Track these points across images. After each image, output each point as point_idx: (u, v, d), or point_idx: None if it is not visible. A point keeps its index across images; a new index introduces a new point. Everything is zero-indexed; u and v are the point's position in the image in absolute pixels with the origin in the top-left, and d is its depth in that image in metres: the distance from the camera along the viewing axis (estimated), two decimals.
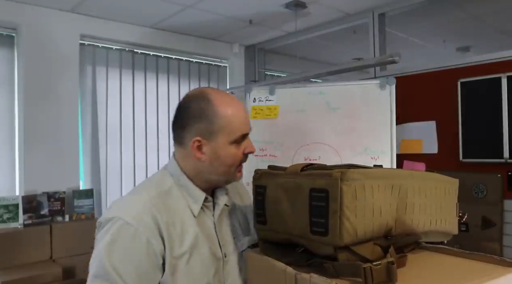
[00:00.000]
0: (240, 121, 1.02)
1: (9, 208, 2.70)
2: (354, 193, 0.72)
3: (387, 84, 2.35)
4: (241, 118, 1.03)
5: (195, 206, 1.02)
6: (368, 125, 2.35)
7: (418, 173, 0.89)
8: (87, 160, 3.23)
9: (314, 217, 0.76)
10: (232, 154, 1.02)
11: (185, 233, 0.98)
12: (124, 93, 3.44)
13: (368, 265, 0.68)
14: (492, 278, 0.71)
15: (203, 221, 1.03)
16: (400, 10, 2.99)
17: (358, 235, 0.73)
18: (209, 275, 1.00)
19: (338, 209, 0.72)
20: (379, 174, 0.78)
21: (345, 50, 4.21)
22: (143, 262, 0.91)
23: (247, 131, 1.05)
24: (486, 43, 3.90)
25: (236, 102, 1.06)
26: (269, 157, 2.52)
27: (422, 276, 0.75)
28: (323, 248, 0.76)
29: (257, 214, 0.93)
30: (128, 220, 0.92)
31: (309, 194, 0.78)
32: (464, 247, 0.92)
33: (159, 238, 0.93)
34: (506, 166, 2.25)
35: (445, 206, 0.92)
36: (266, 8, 3.08)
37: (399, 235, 0.81)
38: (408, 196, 0.82)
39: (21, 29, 2.93)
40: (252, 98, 2.66)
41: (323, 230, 0.74)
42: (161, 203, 0.98)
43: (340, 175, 0.72)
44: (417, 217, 0.84)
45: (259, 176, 0.94)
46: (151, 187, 1.03)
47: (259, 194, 0.93)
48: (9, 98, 2.98)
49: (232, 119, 1.01)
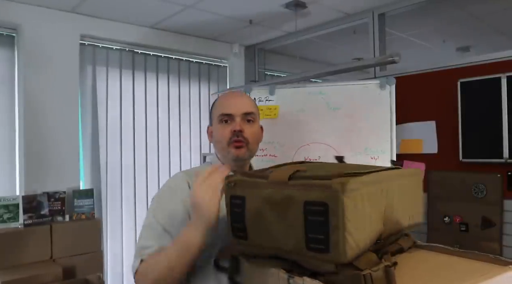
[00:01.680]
0: (221, 104, 1.30)
1: (9, 208, 2.70)
2: (354, 204, 0.68)
3: (387, 84, 2.35)
4: (222, 102, 1.30)
5: None
6: (368, 125, 2.35)
7: (394, 172, 0.87)
8: (87, 160, 3.23)
9: (310, 233, 0.71)
10: (219, 132, 1.26)
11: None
12: (124, 93, 3.44)
13: (368, 271, 0.65)
14: (488, 278, 0.70)
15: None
16: (400, 10, 2.99)
17: (360, 248, 0.70)
18: None
19: (341, 225, 0.67)
20: (371, 180, 0.75)
21: (345, 50, 4.21)
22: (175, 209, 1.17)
23: (225, 111, 1.26)
24: (486, 43, 3.90)
25: (228, 93, 1.35)
26: (269, 157, 2.52)
27: (418, 276, 0.75)
28: (322, 265, 0.71)
29: (236, 228, 0.86)
30: (170, 185, 1.26)
31: (303, 208, 0.71)
32: (464, 247, 0.92)
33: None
34: (506, 166, 2.25)
35: (415, 199, 0.92)
36: (266, 8, 3.08)
37: (386, 237, 0.81)
38: (393, 197, 0.81)
39: (21, 29, 2.93)
40: (252, 98, 2.65)
41: (323, 246, 0.69)
42: (194, 175, 1.20)
43: (341, 187, 0.67)
44: (400, 215, 0.84)
45: (233, 185, 0.86)
46: (191, 169, 1.37)
47: (236, 206, 0.85)
48: (9, 98, 2.98)
49: (216, 104, 1.32)
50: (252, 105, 1.31)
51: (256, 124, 1.31)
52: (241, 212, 0.83)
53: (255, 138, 1.29)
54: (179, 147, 3.75)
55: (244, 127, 1.25)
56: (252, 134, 1.27)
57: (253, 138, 1.27)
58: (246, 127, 1.26)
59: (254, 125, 1.29)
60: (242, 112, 1.26)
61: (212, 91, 4.01)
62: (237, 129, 1.23)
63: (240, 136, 1.23)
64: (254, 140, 1.28)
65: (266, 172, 0.85)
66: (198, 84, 3.92)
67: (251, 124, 1.28)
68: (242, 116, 1.26)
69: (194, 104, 3.88)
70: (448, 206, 2.46)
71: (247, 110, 1.27)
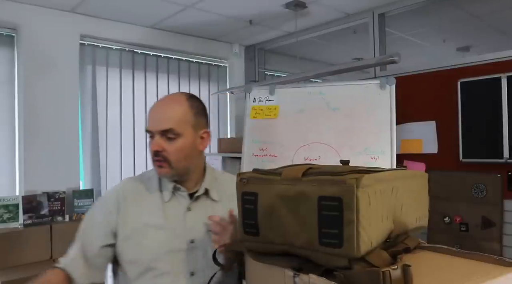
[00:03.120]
0: (148, 117, 1.23)
1: (9, 208, 2.70)
2: (368, 200, 0.68)
3: (387, 84, 2.35)
4: (148, 114, 1.23)
5: (166, 193, 1.24)
6: (368, 125, 2.35)
7: (401, 172, 0.87)
8: (87, 160, 3.23)
9: (324, 228, 0.71)
10: (149, 148, 1.22)
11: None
12: (124, 93, 3.44)
13: (387, 269, 0.64)
14: (491, 278, 0.70)
15: (172, 206, 1.23)
16: (400, 10, 2.99)
17: (373, 244, 0.70)
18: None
19: (354, 219, 0.67)
20: (383, 177, 0.76)
21: (345, 50, 4.21)
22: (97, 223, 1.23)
23: (147, 128, 1.21)
24: (486, 43, 3.90)
25: (154, 104, 1.24)
26: (269, 157, 2.52)
27: (421, 276, 0.75)
28: (335, 260, 0.71)
29: (247, 224, 0.85)
30: (98, 205, 1.30)
31: (317, 203, 0.72)
32: (464, 247, 0.92)
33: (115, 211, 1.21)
34: (506, 166, 2.25)
35: (422, 201, 0.92)
36: (266, 8, 3.08)
37: (395, 237, 0.81)
38: (403, 196, 0.81)
39: (21, 29, 2.93)
40: (252, 98, 2.66)
41: (336, 241, 0.69)
42: (139, 181, 1.29)
43: (355, 182, 0.67)
44: (408, 216, 0.84)
45: (246, 181, 0.86)
46: (137, 176, 1.36)
47: (248, 202, 0.85)
48: (9, 98, 2.98)
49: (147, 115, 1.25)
50: (173, 120, 1.17)
51: (179, 141, 1.18)
52: (253, 208, 0.84)
53: (178, 156, 1.18)
54: None
55: (164, 146, 1.17)
56: (173, 153, 1.17)
57: (176, 156, 1.17)
58: (166, 145, 1.17)
59: (177, 142, 1.17)
60: (159, 129, 1.17)
61: (212, 91, 4.01)
62: (154, 149, 1.17)
63: (159, 156, 1.17)
64: (177, 158, 1.18)
65: (278, 170, 0.85)
66: (198, 84, 3.92)
67: (173, 142, 1.17)
68: (161, 133, 1.17)
69: None
70: (448, 206, 2.46)
71: (164, 127, 1.17)
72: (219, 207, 1.26)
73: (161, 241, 1.17)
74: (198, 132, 1.23)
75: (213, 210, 1.24)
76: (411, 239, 0.88)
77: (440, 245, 0.89)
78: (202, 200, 1.26)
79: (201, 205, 1.25)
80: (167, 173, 1.19)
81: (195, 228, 1.20)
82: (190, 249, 1.18)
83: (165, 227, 1.19)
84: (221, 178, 1.35)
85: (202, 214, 1.22)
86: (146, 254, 1.16)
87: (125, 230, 1.19)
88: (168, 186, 1.23)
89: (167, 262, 1.16)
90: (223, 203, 1.26)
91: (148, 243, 1.17)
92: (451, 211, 2.45)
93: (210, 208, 1.25)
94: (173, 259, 1.16)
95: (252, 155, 2.57)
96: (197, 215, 1.22)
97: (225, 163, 3.51)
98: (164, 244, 1.17)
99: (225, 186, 1.30)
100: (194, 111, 1.22)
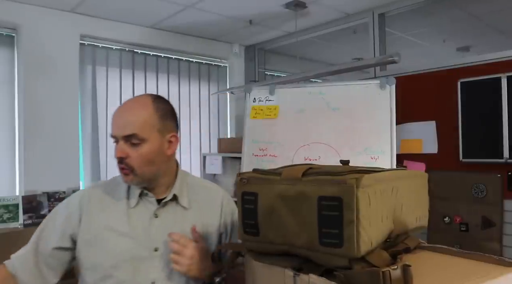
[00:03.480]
0: (112, 122, 1.17)
1: (9, 208, 2.70)
2: (368, 200, 0.69)
3: (387, 84, 2.35)
4: (112, 119, 1.17)
5: (133, 199, 1.18)
6: (368, 125, 2.35)
7: (401, 172, 0.87)
8: (87, 160, 3.23)
9: (324, 228, 0.71)
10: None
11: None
12: (124, 93, 3.44)
13: (387, 269, 0.65)
14: (491, 278, 0.70)
15: (139, 212, 1.18)
16: (400, 10, 2.99)
17: (373, 244, 0.70)
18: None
19: (354, 219, 0.67)
20: (383, 177, 0.76)
21: (345, 50, 4.21)
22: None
23: (111, 132, 1.15)
24: (486, 43, 3.90)
25: (118, 108, 1.20)
26: (269, 157, 2.52)
27: (422, 276, 0.75)
28: (335, 260, 0.71)
29: (247, 224, 0.85)
30: (63, 205, 1.30)
31: (317, 203, 0.72)
32: (464, 247, 0.92)
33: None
34: (506, 166, 2.25)
35: (422, 201, 0.93)
36: (266, 8, 3.08)
37: (395, 237, 0.81)
38: (403, 196, 0.81)
39: (21, 29, 2.93)
40: (252, 98, 2.66)
41: (337, 241, 0.69)
42: (103, 192, 1.22)
43: (355, 182, 0.68)
44: (408, 216, 0.84)
45: (246, 182, 0.86)
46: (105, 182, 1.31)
47: (248, 202, 0.84)
48: (9, 98, 2.98)
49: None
50: (136, 125, 1.11)
51: (144, 146, 1.11)
52: (253, 208, 0.83)
53: (142, 162, 1.11)
54: (179, 147, 3.74)
55: (128, 152, 1.11)
56: (137, 159, 1.11)
57: (139, 163, 1.11)
58: (130, 151, 1.11)
59: (141, 148, 1.11)
60: (122, 135, 1.11)
61: (212, 91, 4.01)
62: (117, 156, 1.12)
63: (123, 163, 1.11)
64: (141, 165, 1.12)
65: (278, 170, 0.85)
66: (198, 84, 3.92)
67: (137, 148, 1.11)
68: (125, 138, 1.11)
69: (194, 104, 3.88)
70: (448, 206, 2.46)
71: (127, 133, 1.10)
72: (189, 214, 1.20)
73: (122, 248, 1.12)
74: (165, 136, 1.17)
75: (183, 217, 1.19)
76: (411, 239, 0.88)
77: (440, 245, 0.89)
78: (171, 206, 1.20)
79: (169, 211, 1.19)
80: (132, 180, 1.13)
81: (160, 235, 1.14)
82: (152, 257, 1.13)
83: (128, 234, 1.13)
84: (194, 184, 1.28)
85: (170, 221, 1.17)
86: (106, 260, 1.11)
87: (86, 234, 1.15)
88: (135, 191, 1.18)
89: (127, 270, 1.11)
90: (194, 210, 1.21)
91: (109, 249, 1.12)
92: (451, 211, 2.45)
93: (180, 215, 1.19)
94: (134, 268, 1.11)
95: (252, 155, 2.57)
96: (164, 222, 1.16)
97: (225, 163, 3.51)
98: (126, 251, 1.12)
99: (198, 193, 1.25)
100: (160, 114, 1.15)
